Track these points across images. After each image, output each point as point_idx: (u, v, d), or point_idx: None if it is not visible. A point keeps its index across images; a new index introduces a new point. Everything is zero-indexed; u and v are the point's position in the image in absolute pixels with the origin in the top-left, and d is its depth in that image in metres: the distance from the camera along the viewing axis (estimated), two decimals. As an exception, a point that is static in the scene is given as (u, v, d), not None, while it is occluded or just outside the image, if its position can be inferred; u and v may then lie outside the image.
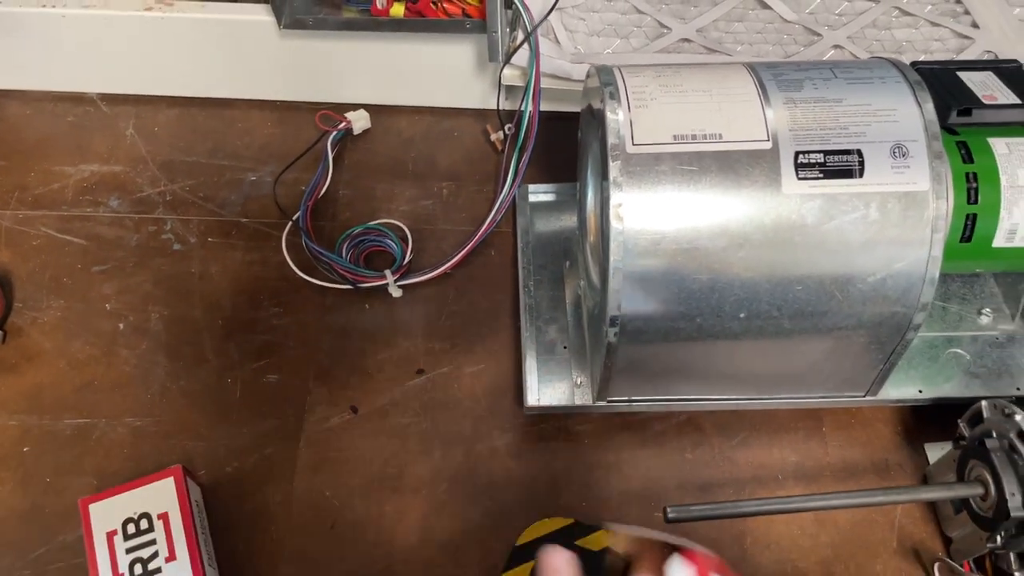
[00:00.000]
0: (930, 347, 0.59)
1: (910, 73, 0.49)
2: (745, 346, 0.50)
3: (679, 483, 0.57)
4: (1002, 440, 0.49)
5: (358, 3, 0.66)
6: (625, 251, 0.46)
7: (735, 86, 0.48)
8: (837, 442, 0.58)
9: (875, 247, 0.46)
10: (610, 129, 0.46)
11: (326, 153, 0.69)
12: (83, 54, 0.73)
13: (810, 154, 0.46)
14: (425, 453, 0.57)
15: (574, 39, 0.70)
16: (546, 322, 0.61)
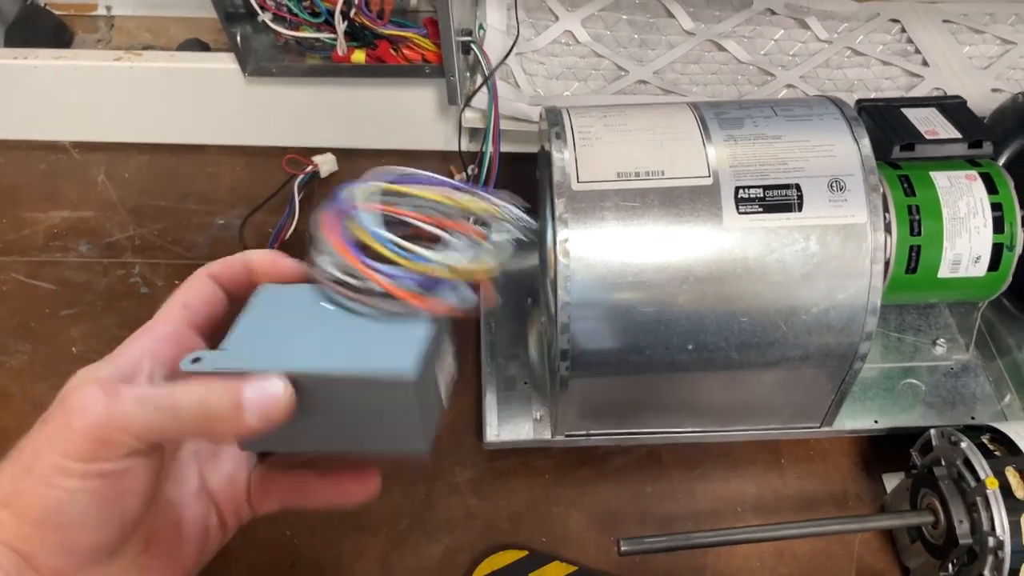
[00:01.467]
0: (886, 378, 0.60)
1: (848, 109, 0.50)
2: (696, 378, 0.51)
3: (639, 516, 0.57)
4: (950, 468, 0.49)
5: (320, 50, 0.67)
6: (572, 285, 0.47)
7: (678, 124, 0.50)
8: (795, 474, 0.58)
9: (816, 279, 0.47)
10: (556, 167, 0.48)
11: (292, 196, 0.70)
12: (55, 103, 0.74)
13: (750, 189, 0.47)
14: (386, 491, 0.56)
15: (533, 82, 0.72)
16: (507, 358, 0.61)
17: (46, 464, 0.31)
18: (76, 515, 0.31)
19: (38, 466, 0.31)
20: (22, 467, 0.31)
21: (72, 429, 0.30)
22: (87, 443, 0.30)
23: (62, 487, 0.31)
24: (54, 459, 0.30)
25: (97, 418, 0.30)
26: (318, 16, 0.64)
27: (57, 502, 0.31)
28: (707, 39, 0.76)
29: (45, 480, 0.30)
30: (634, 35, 0.76)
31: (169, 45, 0.82)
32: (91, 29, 0.84)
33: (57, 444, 0.30)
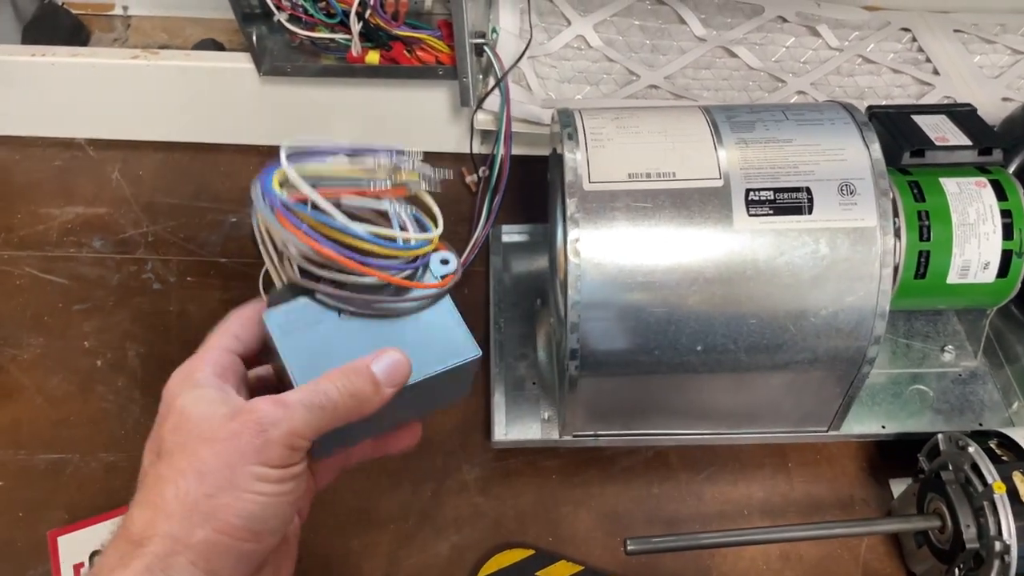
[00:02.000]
0: (894, 383, 0.60)
1: (858, 115, 0.51)
2: (705, 380, 0.51)
3: (646, 518, 0.57)
4: (957, 473, 0.49)
5: (335, 51, 0.68)
6: (583, 285, 0.47)
7: (689, 127, 0.50)
8: (802, 478, 0.59)
9: (826, 281, 0.47)
10: (568, 168, 0.48)
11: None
12: (72, 101, 0.75)
13: (760, 191, 0.47)
14: (394, 488, 0.58)
15: (545, 85, 0.72)
16: (516, 359, 0.62)
17: (248, 475, 0.33)
18: (271, 520, 0.34)
19: (240, 479, 0.33)
20: (219, 482, 0.33)
21: (269, 440, 0.34)
22: (283, 450, 0.34)
23: (266, 493, 0.34)
24: (256, 470, 0.33)
25: (288, 428, 0.34)
26: (333, 17, 0.65)
27: (261, 508, 0.34)
28: (718, 45, 0.76)
29: (249, 488, 0.33)
30: (646, 40, 0.77)
31: (185, 45, 0.83)
32: (108, 28, 0.85)
33: (257, 457, 0.33)
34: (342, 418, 0.36)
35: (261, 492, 0.34)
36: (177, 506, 0.33)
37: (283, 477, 0.34)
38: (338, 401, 0.35)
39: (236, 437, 0.34)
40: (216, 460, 0.34)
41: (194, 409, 0.35)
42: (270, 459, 0.34)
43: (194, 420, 0.35)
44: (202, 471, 0.33)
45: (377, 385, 0.36)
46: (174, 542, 0.33)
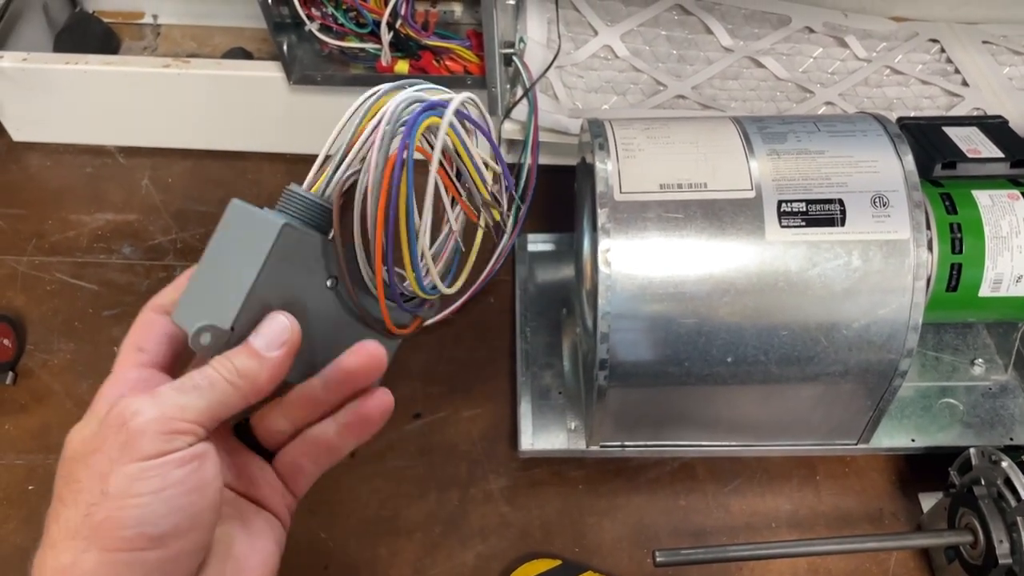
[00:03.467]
0: (923, 397, 0.60)
1: (891, 127, 0.51)
2: (734, 391, 0.51)
3: (672, 529, 0.57)
4: (990, 487, 0.49)
5: (364, 60, 0.69)
6: (613, 295, 0.47)
7: (721, 138, 0.50)
8: (831, 491, 0.58)
9: (858, 294, 0.47)
10: (599, 178, 0.48)
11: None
12: (103, 109, 0.76)
13: (793, 203, 0.47)
14: (420, 496, 0.58)
15: (572, 95, 0.72)
16: (542, 368, 0.62)
17: (121, 478, 0.30)
18: (168, 519, 0.31)
19: (114, 484, 0.30)
20: (92, 497, 0.30)
21: (134, 433, 0.31)
22: (155, 438, 0.31)
23: (146, 493, 0.31)
24: (128, 469, 0.30)
25: (154, 413, 0.31)
26: (364, 27, 0.65)
27: (146, 512, 0.30)
28: (745, 56, 0.76)
29: (127, 493, 0.30)
30: (672, 51, 0.77)
31: (214, 53, 0.84)
32: (138, 37, 0.86)
33: (124, 455, 0.30)
34: (234, 394, 0.34)
35: (140, 493, 0.30)
36: (62, 538, 0.31)
37: (164, 466, 0.31)
38: (215, 377, 0.33)
39: (102, 441, 0.31)
40: (88, 475, 0.31)
41: (74, 440, 0.33)
42: (141, 452, 0.31)
43: (72, 451, 0.33)
44: (78, 491, 0.31)
45: (257, 355, 0.34)
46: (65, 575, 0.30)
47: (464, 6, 0.71)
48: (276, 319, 0.36)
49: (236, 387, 0.34)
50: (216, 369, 0.34)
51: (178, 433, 0.32)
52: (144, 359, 0.37)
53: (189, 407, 0.32)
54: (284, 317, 0.36)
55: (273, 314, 0.36)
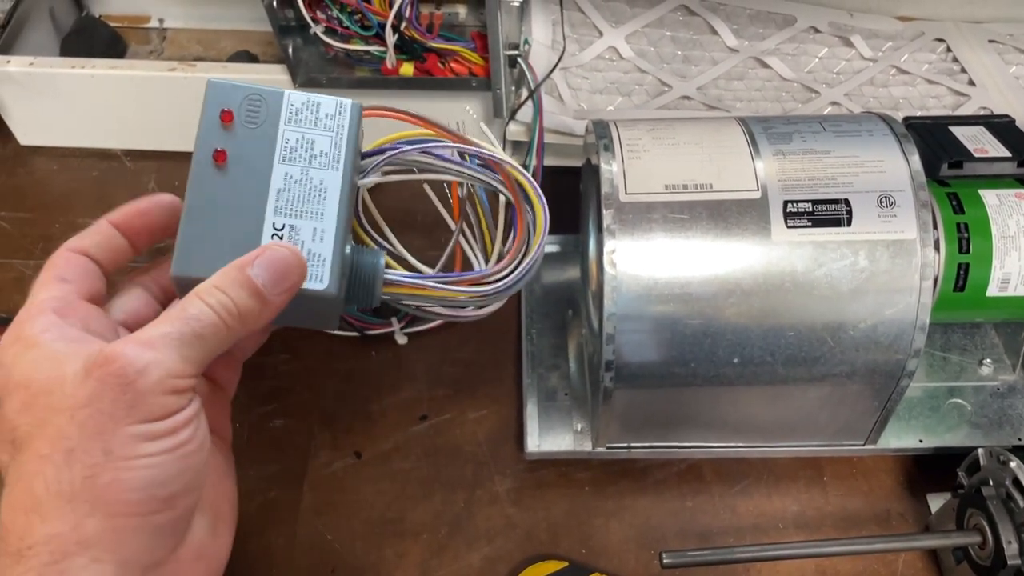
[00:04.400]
0: (931, 397, 0.60)
1: (897, 126, 0.50)
2: (741, 392, 0.51)
3: (679, 531, 0.57)
4: (998, 488, 0.49)
5: (369, 63, 0.69)
6: (619, 296, 0.47)
7: (726, 139, 0.50)
8: (838, 491, 0.58)
9: (865, 294, 0.47)
10: (604, 179, 0.48)
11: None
12: (109, 112, 0.76)
13: (799, 203, 0.47)
14: (426, 498, 0.58)
15: (577, 96, 0.72)
16: (548, 369, 0.62)
17: (127, 439, 0.28)
18: (178, 479, 0.29)
19: (118, 447, 0.28)
20: (92, 458, 0.28)
21: (142, 393, 0.28)
22: (162, 399, 0.29)
23: (158, 453, 0.28)
24: (135, 430, 0.28)
25: (161, 373, 0.29)
26: (369, 29, 0.65)
27: (158, 473, 0.28)
28: (751, 56, 0.76)
29: (136, 454, 0.28)
30: (677, 51, 0.77)
31: (219, 57, 0.84)
32: (144, 41, 0.86)
33: (131, 415, 0.28)
34: (228, 340, 0.31)
35: (151, 453, 0.28)
36: (53, 501, 0.27)
37: (174, 427, 0.29)
38: (217, 323, 0.30)
39: (98, 398, 0.28)
40: (82, 432, 0.28)
41: (38, 376, 0.29)
42: (149, 414, 0.28)
43: (45, 391, 0.29)
44: (70, 450, 0.28)
45: (261, 297, 0.31)
46: (62, 543, 0.27)
47: (468, 8, 0.71)
48: (282, 255, 0.32)
49: (234, 330, 0.31)
50: (216, 311, 0.30)
51: (183, 391, 0.30)
52: (70, 289, 0.33)
53: (191, 359, 0.30)
54: (290, 253, 0.32)
55: (278, 248, 0.32)
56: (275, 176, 0.36)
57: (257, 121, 0.37)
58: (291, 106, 0.38)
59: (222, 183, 0.36)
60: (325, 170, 0.37)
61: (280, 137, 0.37)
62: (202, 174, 0.36)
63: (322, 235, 0.35)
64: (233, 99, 0.38)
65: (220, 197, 0.35)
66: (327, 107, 0.39)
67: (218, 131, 0.37)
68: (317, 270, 0.34)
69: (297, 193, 0.35)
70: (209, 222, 0.35)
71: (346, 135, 0.38)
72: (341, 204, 0.36)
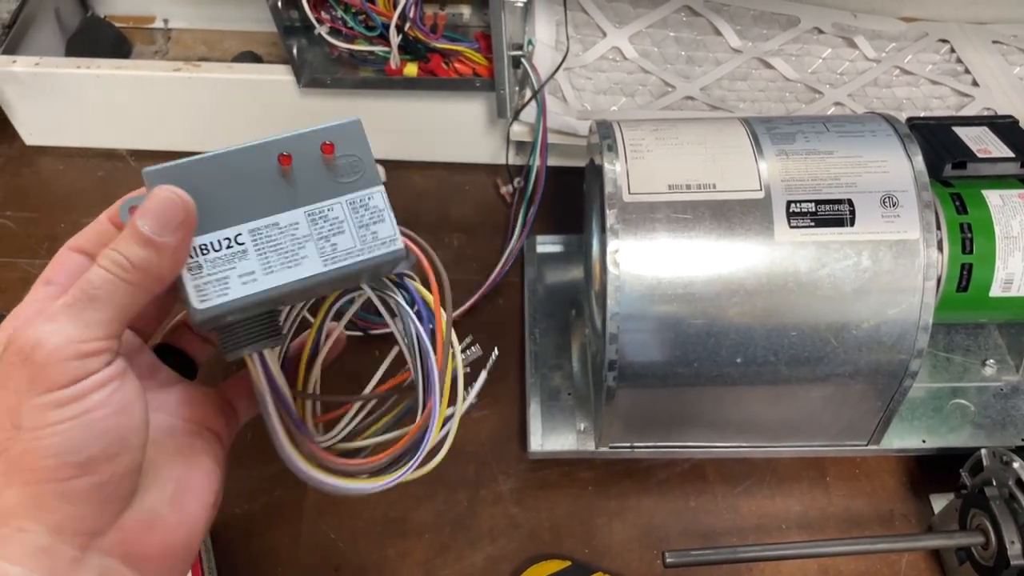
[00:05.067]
0: (934, 398, 0.60)
1: (900, 127, 0.50)
2: (744, 392, 0.51)
3: (682, 531, 0.57)
4: (1002, 488, 0.49)
5: (373, 63, 0.69)
6: (622, 296, 0.47)
7: (729, 139, 0.50)
8: (841, 492, 0.58)
9: (868, 294, 0.47)
10: (607, 179, 0.48)
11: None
12: (115, 112, 0.76)
13: (802, 203, 0.47)
14: (429, 497, 0.58)
15: (581, 97, 0.72)
16: (551, 369, 0.62)
17: (34, 409, 0.28)
18: (95, 443, 0.29)
19: (27, 417, 0.28)
20: (5, 432, 0.28)
21: (40, 365, 0.28)
22: (66, 366, 0.29)
23: (66, 419, 0.29)
24: (41, 400, 0.28)
25: (58, 340, 0.29)
26: (373, 30, 0.66)
27: (67, 439, 0.29)
28: (754, 57, 0.76)
29: (43, 423, 0.28)
30: (681, 52, 0.77)
31: (224, 57, 0.84)
32: (149, 41, 0.87)
33: (34, 388, 0.28)
34: (137, 295, 0.31)
35: (59, 420, 0.28)
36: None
37: (83, 391, 0.29)
38: (112, 280, 0.30)
39: (7, 377, 0.29)
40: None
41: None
42: (53, 383, 0.28)
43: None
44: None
45: (151, 243, 0.30)
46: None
47: (473, 9, 0.71)
48: (164, 196, 0.31)
49: (136, 284, 0.30)
50: (109, 270, 0.30)
51: (90, 355, 0.29)
52: (51, 291, 0.33)
53: (92, 323, 0.29)
54: (171, 193, 0.31)
55: (160, 191, 0.31)
56: (288, 214, 0.34)
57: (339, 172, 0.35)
58: (367, 198, 0.36)
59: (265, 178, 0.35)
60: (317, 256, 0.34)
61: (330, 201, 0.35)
62: (254, 156, 0.35)
63: (251, 280, 0.33)
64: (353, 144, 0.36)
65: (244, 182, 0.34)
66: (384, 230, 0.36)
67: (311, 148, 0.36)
68: (214, 288, 0.33)
69: (279, 241, 0.34)
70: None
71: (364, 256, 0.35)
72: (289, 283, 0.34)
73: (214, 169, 0.34)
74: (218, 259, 0.33)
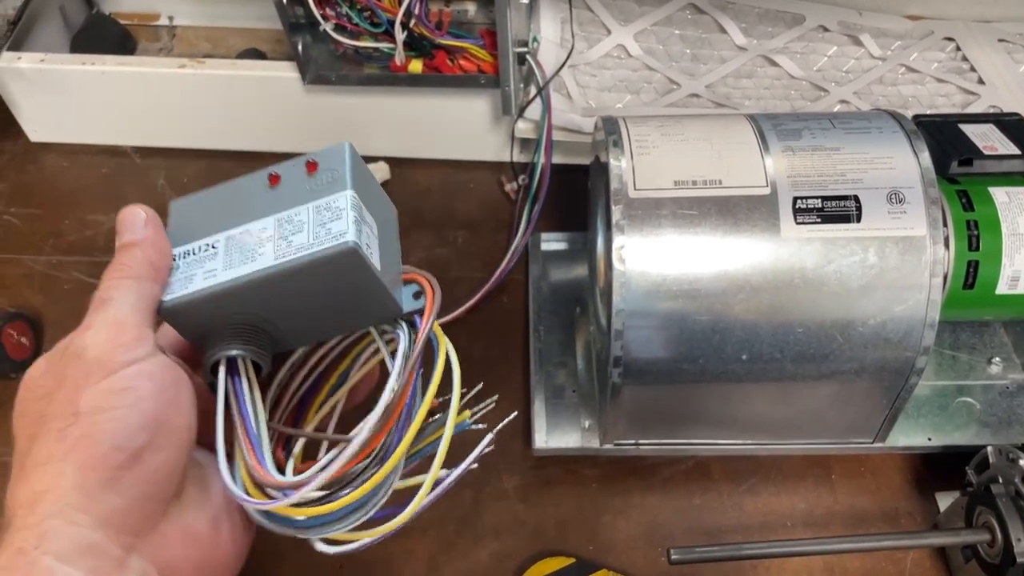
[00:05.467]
0: (940, 396, 0.59)
1: (907, 123, 0.50)
2: (749, 389, 0.51)
3: (686, 528, 0.57)
4: (1008, 486, 0.49)
5: (378, 60, 0.69)
6: (627, 292, 0.47)
7: (735, 135, 0.50)
8: (847, 490, 0.58)
9: (874, 291, 0.47)
10: (613, 175, 0.48)
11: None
12: (119, 109, 0.77)
13: (808, 199, 0.47)
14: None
15: (586, 94, 0.72)
16: (555, 366, 0.62)
17: (93, 394, 0.31)
18: (141, 434, 0.31)
19: (85, 402, 0.31)
20: (63, 421, 0.31)
21: (94, 359, 0.31)
22: (114, 354, 0.32)
23: (121, 405, 0.31)
24: (100, 386, 0.31)
25: (102, 337, 0.32)
26: (378, 26, 0.65)
27: (120, 425, 0.31)
28: (759, 54, 0.76)
29: (101, 408, 0.31)
30: (686, 50, 0.77)
31: (228, 54, 0.84)
32: (153, 38, 0.87)
33: (92, 377, 0.31)
34: (139, 286, 0.34)
35: (115, 406, 0.31)
36: (32, 466, 0.31)
37: (134, 377, 0.32)
38: (114, 282, 0.34)
39: (63, 378, 0.32)
40: (56, 407, 0.31)
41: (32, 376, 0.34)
42: (107, 369, 0.31)
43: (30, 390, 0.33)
44: (47, 423, 0.31)
45: (126, 244, 0.35)
46: (39, 505, 0.30)
47: (478, 5, 0.71)
48: (123, 212, 0.36)
49: (133, 278, 0.34)
50: (109, 276, 0.35)
51: (133, 343, 0.32)
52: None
53: (119, 319, 0.33)
54: (129, 207, 0.36)
55: (122, 210, 0.36)
56: (260, 221, 0.36)
57: (316, 184, 0.36)
58: (333, 202, 0.36)
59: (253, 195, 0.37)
60: (271, 253, 0.35)
61: (300, 207, 0.36)
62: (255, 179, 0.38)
63: (211, 276, 0.35)
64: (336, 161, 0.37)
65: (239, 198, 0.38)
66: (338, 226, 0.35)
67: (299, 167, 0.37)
68: (180, 284, 0.35)
69: (245, 242, 0.36)
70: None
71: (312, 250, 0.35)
72: (241, 277, 0.35)
73: (223, 193, 0.38)
74: (193, 261, 0.36)
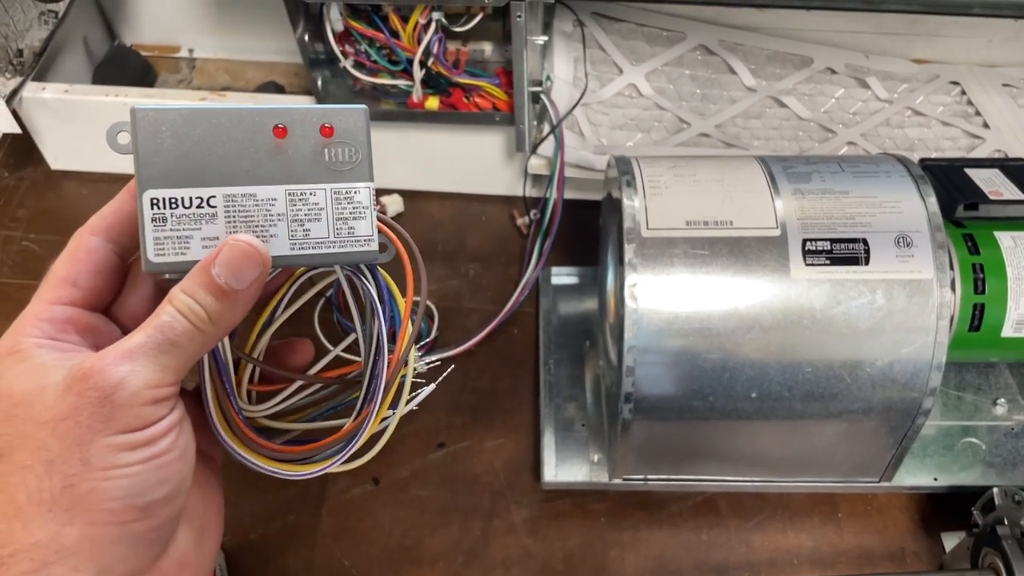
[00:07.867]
0: (946, 436, 0.60)
1: (914, 168, 0.51)
2: (758, 427, 0.52)
3: (694, 564, 0.57)
4: (1013, 528, 0.49)
5: (395, 96, 0.70)
6: (639, 329, 0.48)
7: (746, 177, 0.51)
8: (853, 528, 0.58)
9: (882, 332, 0.48)
10: (626, 214, 0.49)
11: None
12: (139, 139, 0.78)
13: (817, 241, 0.48)
14: (443, 525, 0.58)
15: (597, 132, 0.74)
16: (565, 400, 0.62)
17: (105, 449, 0.28)
18: (157, 488, 0.30)
19: (96, 457, 0.28)
20: (71, 468, 0.28)
21: (120, 406, 0.29)
22: (141, 411, 0.29)
23: (136, 463, 0.29)
24: (113, 440, 0.29)
25: (139, 384, 0.29)
26: (397, 64, 0.67)
27: (136, 482, 0.29)
28: (768, 95, 0.78)
29: (113, 463, 0.28)
30: (696, 90, 0.78)
31: (247, 87, 0.86)
32: (174, 70, 0.89)
33: (108, 426, 0.29)
34: (206, 344, 0.31)
35: (129, 463, 0.29)
36: (34, 510, 0.28)
37: (153, 437, 0.29)
38: (191, 330, 0.30)
39: (77, 411, 0.28)
40: (61, 443, 0.28)
41: (21, 388, 0.29)
42: (128, 425, 0.29)
43: (25, 402, 0.29)
44: (50, 460, 0.28)
45: (227, 296, 0.30)
46: (42, 552, 0.28)
47: (494, 45, 0.73)
48: (241, 249, 0.31)
49: (208, 335, 0.31)
50: (188, 318, 0.30)
51: (162, 400, 0.30)
52: (76, 296, 0.33)
53: (169, 367, 0.30)
54: (247, 245, 0.31)
55: (236, 243, 0.31)
56: (268, 188, 0.32)
57: (332, 158, 0.33)
58: (352, 192, 0.34)
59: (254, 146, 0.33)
60: (285, 238, 0.33)
61: (314, 186, 0.33)
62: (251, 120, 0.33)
63: (212, 246, 0.32)
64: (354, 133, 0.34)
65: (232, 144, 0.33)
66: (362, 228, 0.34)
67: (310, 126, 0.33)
68: (173, 245, 0.31)
69: (252, 213, 0.32)
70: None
71: (334, 250, 0.33)
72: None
73: (207, 123, 0.32)
74: (184, 216, 0.32)
